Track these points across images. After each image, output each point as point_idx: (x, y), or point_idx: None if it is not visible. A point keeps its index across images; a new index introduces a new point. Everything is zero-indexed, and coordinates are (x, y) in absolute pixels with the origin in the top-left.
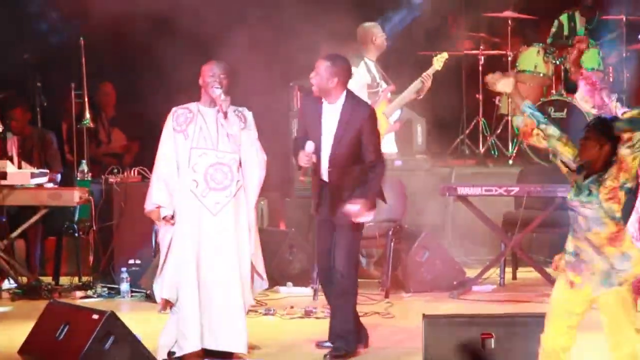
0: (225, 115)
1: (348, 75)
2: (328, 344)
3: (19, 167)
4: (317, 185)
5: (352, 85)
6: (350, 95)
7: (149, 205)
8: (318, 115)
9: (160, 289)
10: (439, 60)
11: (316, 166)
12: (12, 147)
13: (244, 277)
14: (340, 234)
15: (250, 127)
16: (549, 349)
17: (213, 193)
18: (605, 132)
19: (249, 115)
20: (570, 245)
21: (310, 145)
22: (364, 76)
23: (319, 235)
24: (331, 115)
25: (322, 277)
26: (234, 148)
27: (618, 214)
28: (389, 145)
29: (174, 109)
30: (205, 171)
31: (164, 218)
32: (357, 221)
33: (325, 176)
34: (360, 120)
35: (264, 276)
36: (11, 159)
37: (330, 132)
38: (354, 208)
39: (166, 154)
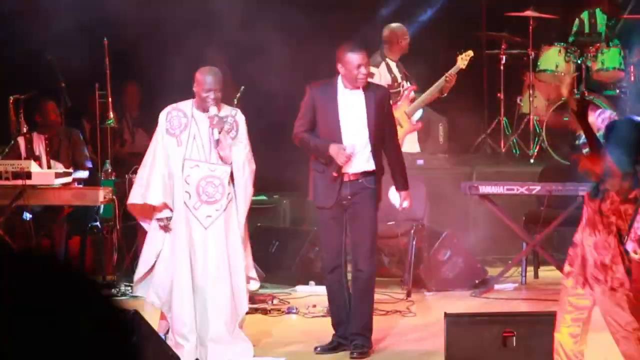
0: (217, 143)
1: None
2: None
3: (48, 165)
4: (335, 178)
5: None
6: None
7: (146, 200)
8: (334, 104)
9: (146, 293)
10: (464, 59)
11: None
12: (40, 146)
13: (236, 289)
14: (361, 228)
15: (241, 137)
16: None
17: (205, 206)
18: None
19: (241, 120)
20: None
21: (351, 147)
22: (385, 76)
23: (329, 232)
24: (353, 101)
25: (331, 276)
26: (226, 161)
27: None
28: (411, 145)
29: (168, 108)
30: (198, 184)
31: (161, 219)
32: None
33: (347, 167)
34: (382, 101)
35: (257, 278)
36: (38, 158)
37: (358, 117)
38: (403, 203)
39: (161, 153)
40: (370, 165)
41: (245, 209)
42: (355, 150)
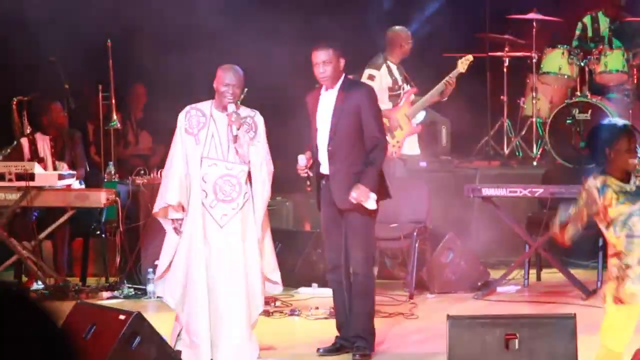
0: (235, 139)
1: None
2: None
3: (53, 166)
4: (317, 181)
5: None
6: (348, 80)
7: (167, 202)
8: (316, 106)
9: (163, 292)
10: (464, 63)
11: (315, 160)
12: (44, 147)
13: (251, 289)
14: (353, 231)
15: (260, 138)
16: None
17: (221, 204)
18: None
19: (259, 122)
20: (629, 260)
21: (302, 160)
22: (385, 79)
23: (328, 233)
24: (327, 102)
25: (333, 277)
26: (243, 159)
27: None
28: (412, 147)
29: (187, 107)
30: (215, 182)
31: (172, 220)
32: (366, 206)
33: (324, 168)
34: (357, 100)
35: (279, 282)
36: (43, 160)
37: (326, 119)
38: (353, 195)
39: (180, 154)
40: (325, 170)
41: (262, 208)
42: (301, 163)
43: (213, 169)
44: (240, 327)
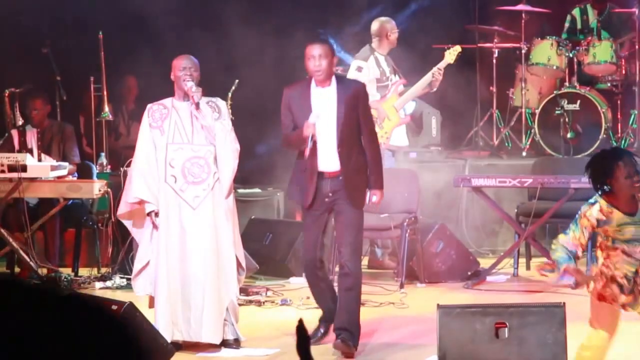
0: (197, 106)
1: None
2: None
3: (39, 159)
4: (310, 176)
5: (361, 79)
6: (338, 75)
7: (130, 199)
8: (307, 102)
9: (144, 285)
10: (452, 54)
11: (311, 155)
12: (32, 140)
13: (226, 269)
14: (348, 225)
15: (224, 117)
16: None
17: (192, 187)
18: None
19: (222, 105)
20: (620, 272)
21: (314, 116)
22: (373, 70)
23: (310, 228)
24: (324, 98)
25: (309, 270)
26: (209, 140)
27: None
28: (400, 138)
29: (149, 105)
30: (183, 166)
31: (148, 214)
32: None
33: (326, 166)
34: (356, 96)
35: (244, 265)
36: (31, 152)
37: (329, 120)
38: (374, 199)
39: (144, 150)
40: (337, 166)
41: (229, 179)
42: (312, 120)
43: (179, 153)
44: (216, 305)
